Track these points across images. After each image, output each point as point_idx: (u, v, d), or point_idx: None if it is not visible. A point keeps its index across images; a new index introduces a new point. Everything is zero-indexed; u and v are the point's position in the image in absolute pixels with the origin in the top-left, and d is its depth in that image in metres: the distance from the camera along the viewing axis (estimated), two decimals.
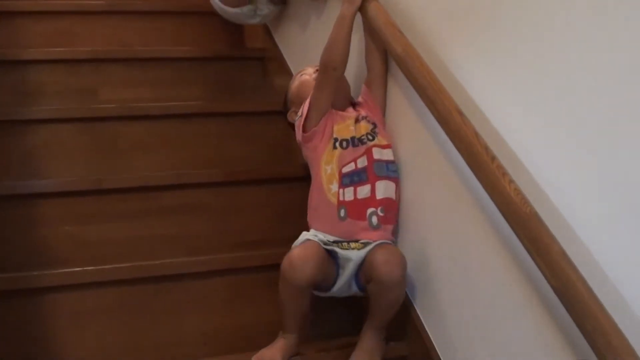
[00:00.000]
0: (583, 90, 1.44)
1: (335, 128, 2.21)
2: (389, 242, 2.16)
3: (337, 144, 2.20)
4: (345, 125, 2.22)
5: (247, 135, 2.92)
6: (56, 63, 3.04)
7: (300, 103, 2.31)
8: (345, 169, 2.18)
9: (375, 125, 2.23)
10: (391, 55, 2.10)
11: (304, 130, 2.25)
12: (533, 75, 1.59)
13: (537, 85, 1.58)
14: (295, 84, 2.41)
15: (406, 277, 2.06)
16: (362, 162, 2.17)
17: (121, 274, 2.26)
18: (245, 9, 3.11)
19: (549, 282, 1.41)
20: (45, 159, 2.69)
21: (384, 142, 2.22)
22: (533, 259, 1.46)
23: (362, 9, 2.16)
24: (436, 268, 2.04)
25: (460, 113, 1.75)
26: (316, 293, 2.14)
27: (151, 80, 3.13)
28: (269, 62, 3.32)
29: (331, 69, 2.18)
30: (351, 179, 2.17)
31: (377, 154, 2.19)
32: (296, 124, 2.30)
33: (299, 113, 2.28)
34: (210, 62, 3.29)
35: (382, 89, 2.26)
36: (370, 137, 2.20)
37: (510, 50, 1.67)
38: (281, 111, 2.54)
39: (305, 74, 2.38)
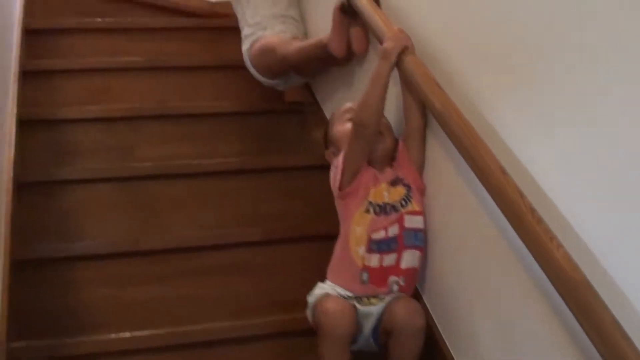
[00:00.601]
0: (636, 152, 1.39)
1: (371, 191, 2.19)
2: (406, 294, 2.17)
3: (371, 209, 2.18)
4: (380, 189, 2.20)
5: (286, 191, 2.90)
6: (92, 121, 3.06)
7: (339, 147, 2.28)
8: (375, 235, 2.16)
9: (409, 189, 2.21)
10: (430, 110, 2.07)
11: (339, 188, 2.23)
12: (581, 133, 1.54)
13: (586, 144, 1.52)
14: (340, 128, 2.34)
15: (425, 327, 2.08)
16: (393, 231, 2.16)
17: (160, 341, 2.25)
18: (278, 80, 3.19)
19: (600, 353, 1.36)
20: (82, 220, 2.68)
21: (417, 209, 2.20)
22: (583, 328, 1.40)
23: (398, 62, 2.14)
24: (479, 334, 1.98)
25: (503, 171, 1.70)
26: None
27: (189, 136, 3.13)
28: (308, 116, 3.30)
29: (362, 127, 2.16)
30: (379, 247, 2.16)
31: (408, 221, 2.18)
32: (331, 174, 2.27)
33: (335, 164, 2.26)
34: (249, 117, 3.28)
35: (419, 145, 2.23)
36: (403, 203, 2.19)
37: (557, 106, 1.61)
38: (321, 166, 2.51)
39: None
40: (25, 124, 2.87)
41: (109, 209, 2.73)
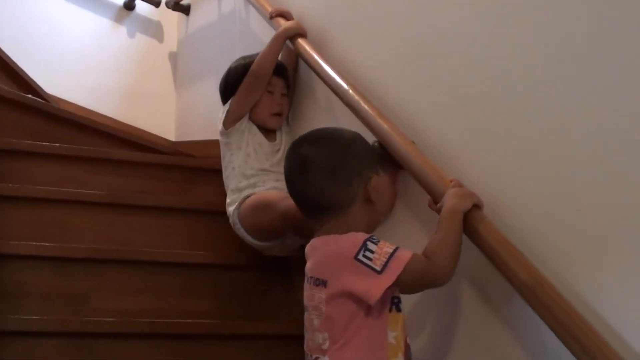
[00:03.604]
0: None
1: None
2: None
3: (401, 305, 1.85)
4: None
5: None
6: (42, 260, 2.67)
7: None
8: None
9: None
10: (513, 284, 1.70)
11: None
12: None
13: None
14: None
15: None
16: None
17: None
18: (272, 242, 2.85)
19: None
20: None
21: None
22: None
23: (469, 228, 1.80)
24: None
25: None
26: None
27: (154, 289, 2.78)
28: (297, 275, 2.92)
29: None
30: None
31: None
32: None
33: None
34: (226, 271, 2.94)
35: None
36: None
37: None
38: None
39: None
40: None
41: None
